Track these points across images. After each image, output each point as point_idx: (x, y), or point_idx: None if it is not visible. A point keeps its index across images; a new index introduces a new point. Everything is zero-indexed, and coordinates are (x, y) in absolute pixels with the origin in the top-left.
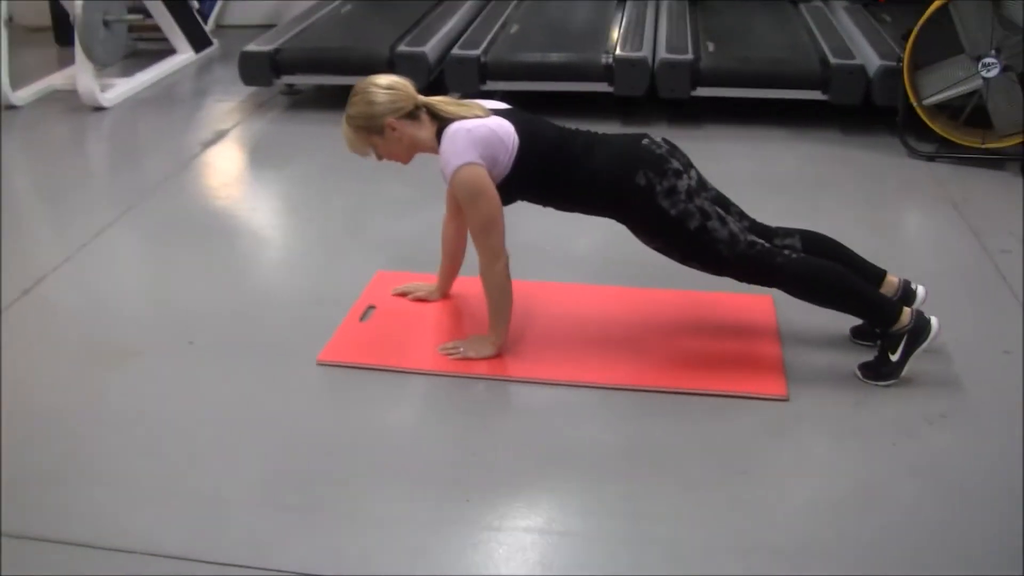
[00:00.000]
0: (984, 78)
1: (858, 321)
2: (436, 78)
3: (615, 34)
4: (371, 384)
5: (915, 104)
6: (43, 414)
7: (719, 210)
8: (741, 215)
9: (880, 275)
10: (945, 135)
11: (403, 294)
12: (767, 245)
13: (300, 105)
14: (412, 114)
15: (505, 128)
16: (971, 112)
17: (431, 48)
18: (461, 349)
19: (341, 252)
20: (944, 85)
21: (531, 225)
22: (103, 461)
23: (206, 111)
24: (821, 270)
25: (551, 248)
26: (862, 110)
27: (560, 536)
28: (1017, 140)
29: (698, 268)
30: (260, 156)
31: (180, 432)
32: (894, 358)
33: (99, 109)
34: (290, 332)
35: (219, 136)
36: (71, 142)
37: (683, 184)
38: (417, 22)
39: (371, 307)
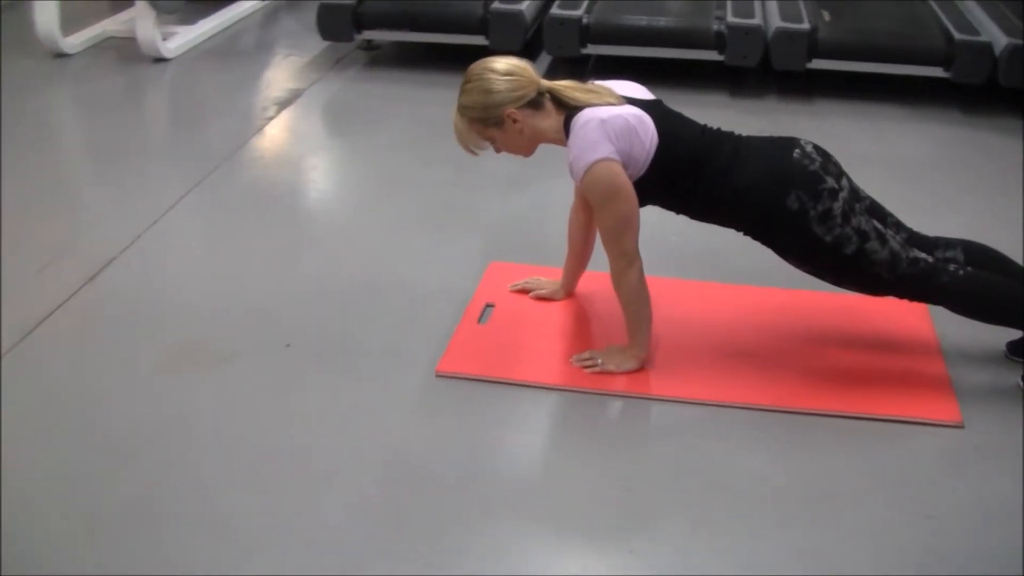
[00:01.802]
0: None
1: (1016, 335)
2: (531, 38)
3: None
4: (497, 400)
5: None
6: (123, 434)
7: (877, 225)
8: (898, 226)
9: None
10: None
11: (523, 291)
12: (930, 260)
13: (379, 63)
14: (535, 102)
15: (644, 121)
16: None
17: (528, 6)
18: (600, 361)
19: (445, 236)
20: None
21: None
22: (200, 495)
23: (277, 66)
24: (991, 286)
25: (656, 239)
26: (984, 90)
27: None
28: None
29: (854, 291)
30: (341, 120)
31: (286, 457)
32: None
33: (160, 60)
34: (399, 333)
35: (294, 96)
36: (130, 97)
37: (839, 206)
38: None
39: (489, 305)
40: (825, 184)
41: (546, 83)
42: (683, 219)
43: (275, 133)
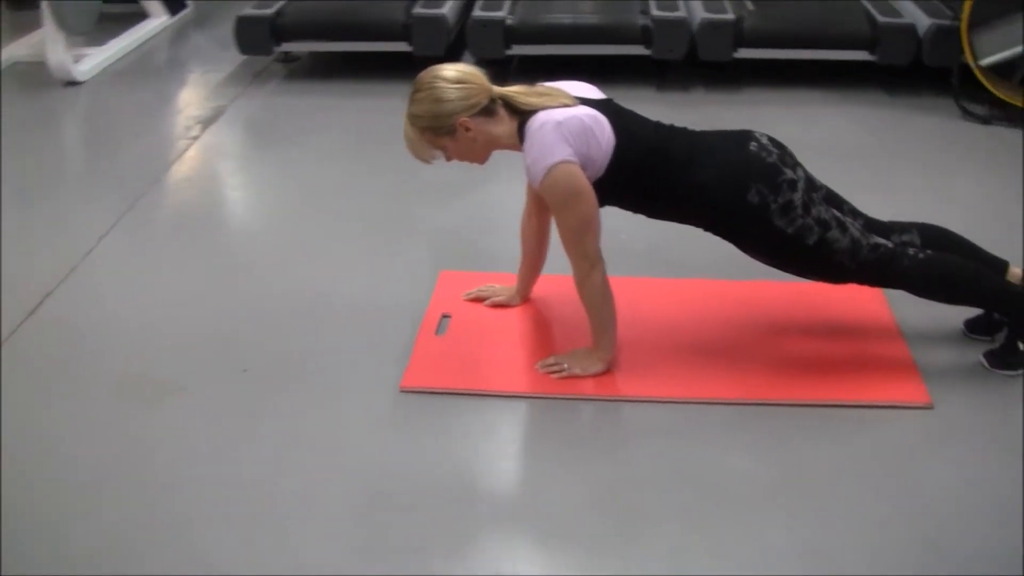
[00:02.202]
0: None
1: (973, 313)
2: (454, 42)
3: None
4: (466, 412)
5: (973, 65)
6: (69, 474)
7: (836, 214)
8: (855, 213)
9: (1002, 266)
10: (1006, 98)
11: (478, 299)
12: (890, 245)
13: (299, 75)
14: (487, 109)
15: (599, 121)
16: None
17: (450, 9)
18: (565, 366)
19: (390, 248)
20: (1004, 45)
21: None
22: (166, 535)
23: (195, 84)
24: (950, 267)
25: (604, 238)
26: (908, 71)
27: None
28: None
29: (817, 280)
30: (268, 135)
31: (255, 488)
32: None
33: (72, 84)
34: (356, 350)
35: (217, 113)
36: (45, 124)
37: (799, 197)
38: None
39: (445, 316)
40: (784, 176)
41: (498, 89)
42: (628, 216)
43: (202, 152)
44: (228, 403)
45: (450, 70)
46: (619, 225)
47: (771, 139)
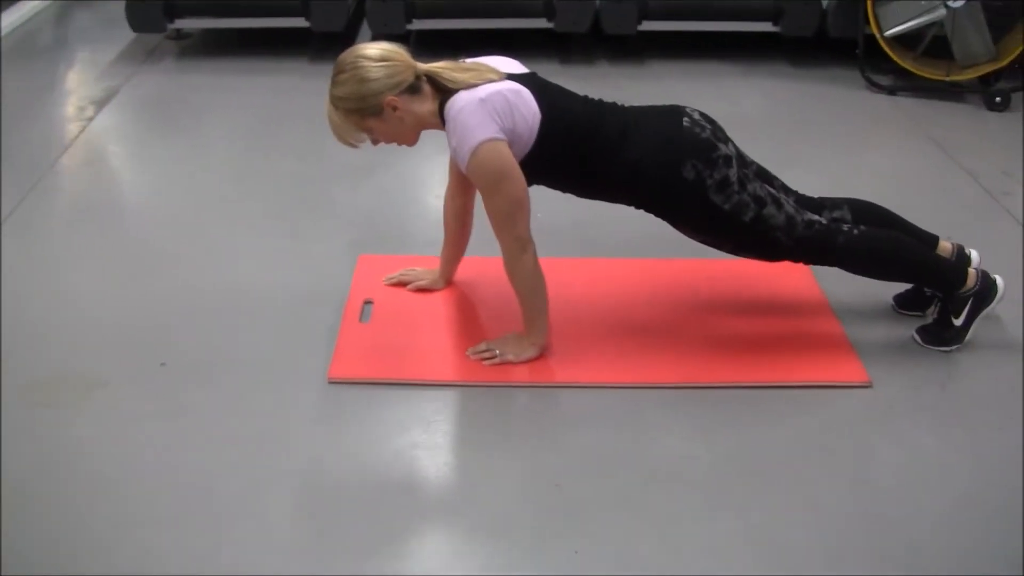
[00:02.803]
0: (949, 7)
1: (902, 288)
2: (352, 17)
3: None
4: (399, 402)
5: (878, 36)
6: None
7: (771, 190)
8: (786, 189)
9: (933, 240)
10: (912, 68)
11: (400, 283)
12: (824, 222)
13: (192, 52)
14: (413, 87)
15: (523, 96)
16: (924, 44)
17: None
18: (497, 352)
19: (303, 232)
20: (907, 16)
21: None
22: (101, 541)
23: (85, 64)
24: (885, 243)
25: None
26: (812, 42)
27: None
28: (979, 72)
29: (752, 258)
30: (167, 116)
31: (186, 488)
32: (958, 322)
33: None
34: (278, 340)
35: (110, 93)
36: None
37: (734, 173)
38: None
39: (367, 302)
40: (719, 151)
41: (423, 66)
42: (545, 194)
43: (97, 136)
44: (148, 401)
45: (373, 48)
46: (535, 204)
47: (702, 114)
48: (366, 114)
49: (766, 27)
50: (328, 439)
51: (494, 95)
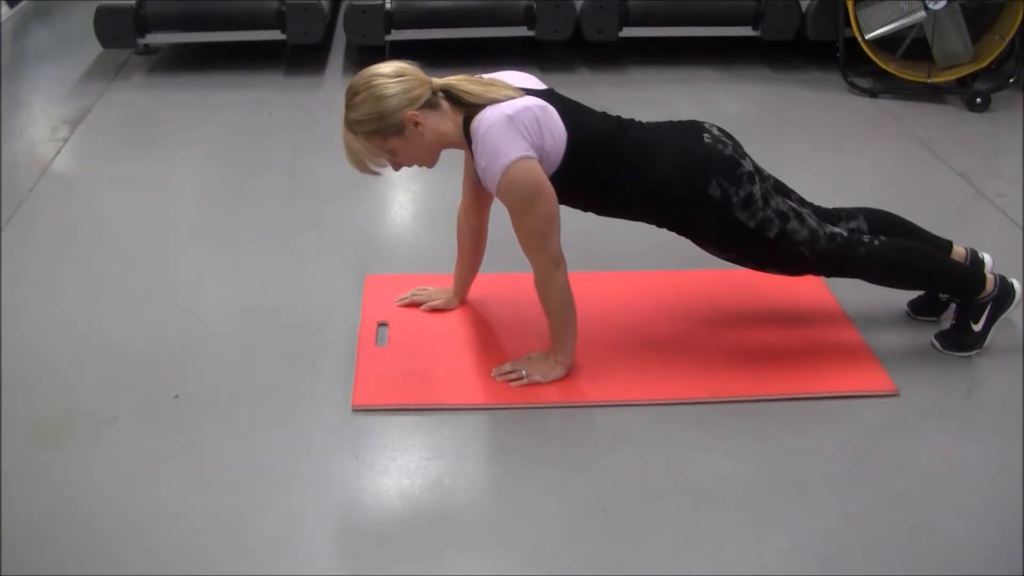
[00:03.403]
0: (930, 10)
1: (915, 294)
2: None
3: None
4: (429, 429)
5: (860, 39)
6: (12, 529)
7: (793, 205)
8: (802, 202)
9: (947, 246)
10: (893, 71)
11: (413, 304)
12: (845, 235)
13: (163, 68)
14: (430, 102)
15: (549, 112)
16: (904, 46)
17: None
18: (524, 373)
19: (303, 252)
20: (888, 19)
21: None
22: None
23: (52, 82)
24: (906, 253)
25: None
26: (792, 46)
27: None
28: (959, 73)
29: (774, 273)
30: (146, 134)
31: (217, 528)
32: (977, 327)
33: None
34: (293, 367)
35: (83, 112)
36: None
37: (758, 189)
38: None
39: (382, 324)
40: (743, 168)
41: (438, 81)
42: None
43: (76, 157)
44: (163, 437)
45: (385, 67)
46: None
47: (721, 129)
48: (388, 134)
49: (746, 31)
50: (359, 471)
51: (522, 111)
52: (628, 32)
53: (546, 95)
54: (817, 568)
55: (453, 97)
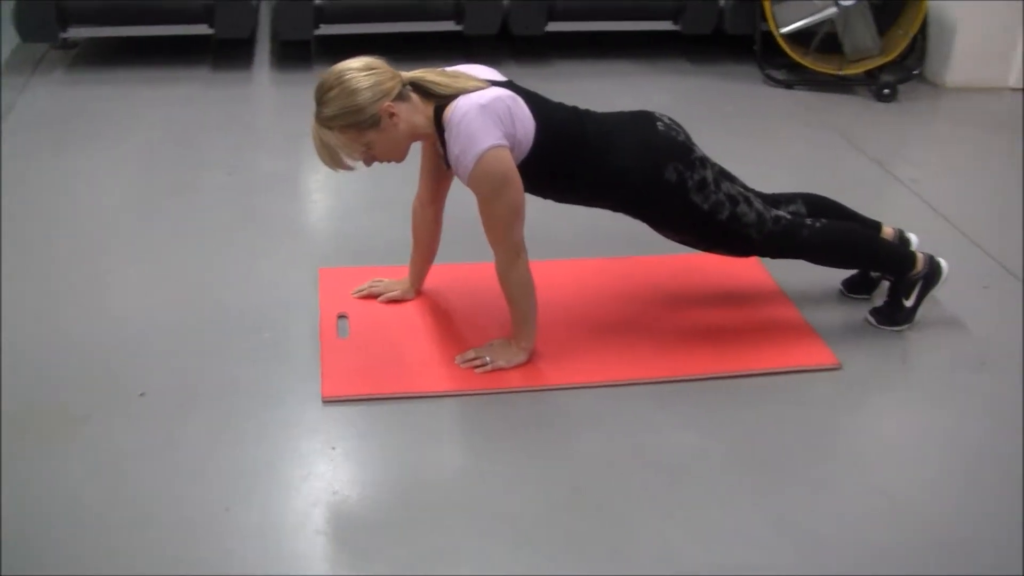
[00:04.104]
0: (841, 6)
1: (847, 274)
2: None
3: None
4: (399, 417)
5: (776, 33)
6: None
7: (741, 189)
8: (745, 187)
9: (878, 227)
10: (808, 64)
11: (370, 295)
12: (789, 218)
13: (84, 62)
14: (401, 95)
15: (519, 103)
16: (817, 40)
17: None
18: (488, 359)
19: (252, 248)
20: (802, 14)
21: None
22: None
23: None
24: (845, 234)
25: (458, 225)
26: (709, 40)
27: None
28: (868, 66)
29: (723, 254)
30: (77, 131)
31: (200, 526)
32: (908, 303)
33: None
34: (256, 361)
35: (5, 110)
36: None
37: (710, 174)
38: None
39: (342, 316)
40: (695, 153)
41: (407, 74)
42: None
43: (5, 156)
44: (138, 434)
45: (354, 62)
46: (472, 205)
47: (671, 119)
48: (364, 127)
49: (667, 26)
50: (340, 462)
51: (495, 101)
52: (554, 27)
53: (509, 86)
54: (789, 531)
55: (422, 89)
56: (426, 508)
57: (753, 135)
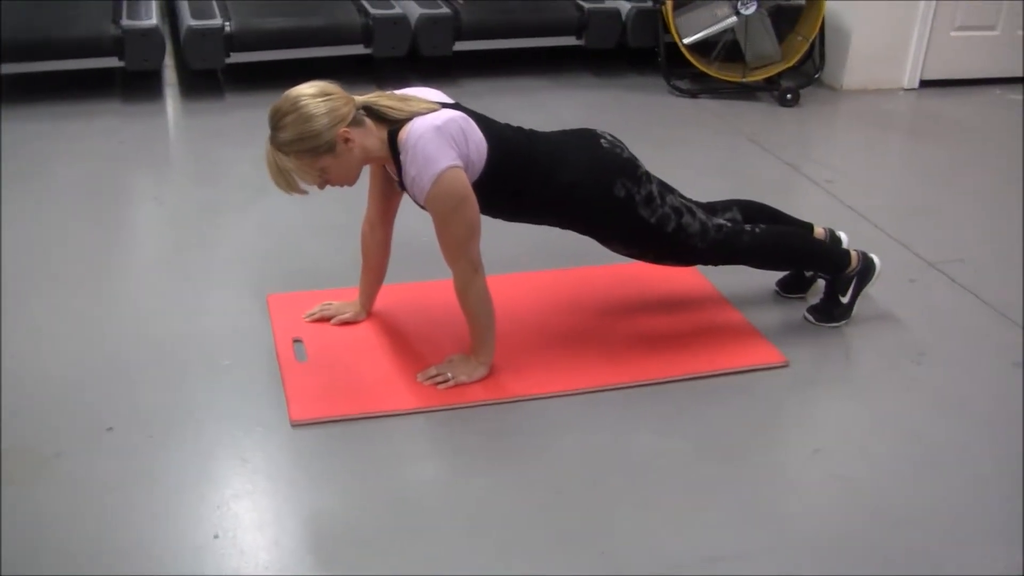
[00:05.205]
0: (741, 14)
1: (781, 275)
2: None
3: None
4: (370, 436)
5: (680, 44)
6: None
7: (684, 201)
8: (685, 198)
9: (811, 227)
10: (712, 72)
11: (322, 319)
12: (729, 225)
13: None
14: (356, 119)
15: (471, 124)
16: (719, 49)
17: (159, 20)
18: (449, 375)
19: (201, 278)
20: (704, 25)
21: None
22: None
23: None
24: (784, 238)
25: (406, 243)
26: (612, 54)
27: (742, 560)
28: (770, 72)
29: (671, 264)
30: (7, 168)
31: (185, 561)
32: (845, 300)
33: None
34: (218, 391)
35: None
36: None
37: (655, 188)
38: None
39: (297, 341)
40: (640, 168)
41: (360, 98)
42: (422, 216)
43: None
44: (111, 469)
45: (308, 87)
46: (416, 226)
47: (612, 135)
48: (320, 152)
49: (570, 41)
50: (321, 486)
51: (449, 122)
52: (460, 46)
53: (458, 108)
54: (764, 518)
55: (376, 114)
56: (411, 522)
57: (668, 145)
